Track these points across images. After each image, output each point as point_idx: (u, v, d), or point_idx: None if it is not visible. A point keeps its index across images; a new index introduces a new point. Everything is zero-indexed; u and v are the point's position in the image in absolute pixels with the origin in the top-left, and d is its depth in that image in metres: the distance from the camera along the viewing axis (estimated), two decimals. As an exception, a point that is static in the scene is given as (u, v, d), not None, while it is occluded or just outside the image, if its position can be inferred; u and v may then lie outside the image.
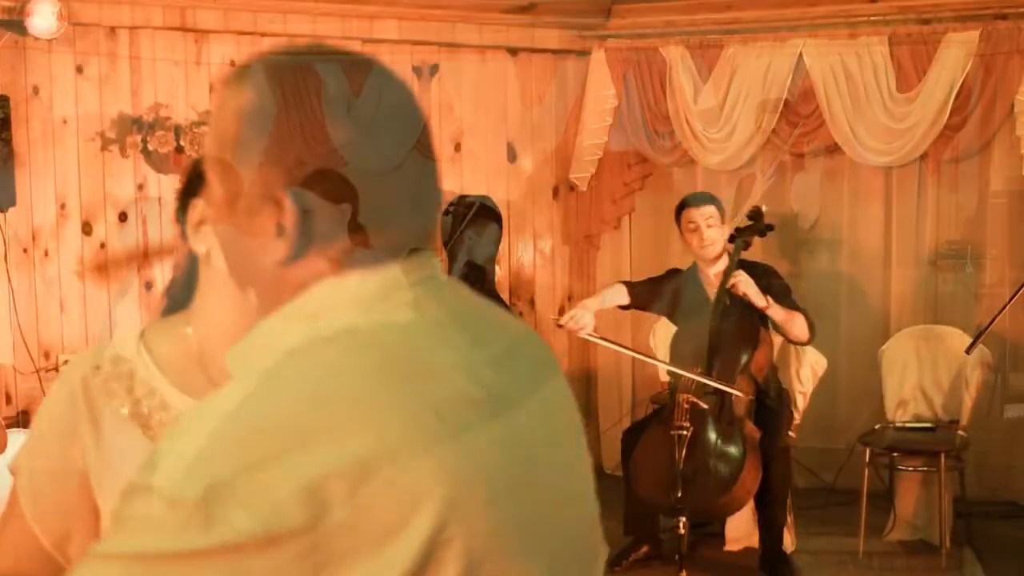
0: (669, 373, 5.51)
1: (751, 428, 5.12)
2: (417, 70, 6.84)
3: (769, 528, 5.28)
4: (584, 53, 7.07)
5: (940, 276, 6.57)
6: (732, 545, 5.69)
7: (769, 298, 5.27)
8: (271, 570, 1.04)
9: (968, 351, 5.61)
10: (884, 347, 6.20)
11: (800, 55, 6.58)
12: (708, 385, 5.13)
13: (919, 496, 5.77)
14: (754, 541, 5.54)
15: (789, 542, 5.50)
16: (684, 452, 4.94)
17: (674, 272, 5.74)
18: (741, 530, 5.67)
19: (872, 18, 6.47)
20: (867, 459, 5.67)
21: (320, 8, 6.51)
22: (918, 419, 5.90)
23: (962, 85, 6.24)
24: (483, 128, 7.00)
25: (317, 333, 1.17)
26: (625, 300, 5.63)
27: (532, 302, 7.22)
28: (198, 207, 1.70)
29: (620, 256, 7.21)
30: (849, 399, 6.64)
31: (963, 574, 5.38)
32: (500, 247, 6.89)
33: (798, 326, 5.32)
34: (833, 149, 6.61)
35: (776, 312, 5.28)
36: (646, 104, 6.93)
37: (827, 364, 5.77)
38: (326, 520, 1.04)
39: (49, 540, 1.70)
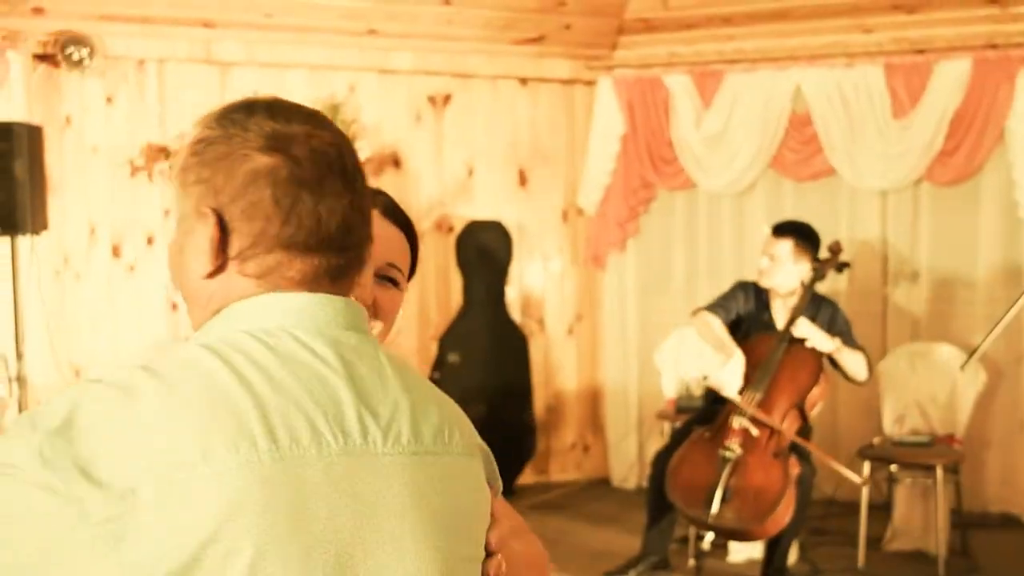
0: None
1: (794, 463, 4.98)
2: (431, 99, 6.88)
3: (779, 546, 5.23)
4: (591, 83, 7.10)
5: (935, 295, 6.57)
6: (735, 556, 5.68)
7: (839, 341, 5.21)
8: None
9: (963, 368, 5.61)
10: (881, 364, 6.21)
11: (798, 83, 6.61)
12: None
13: (917, 508, 5.77)
14: (757, 553, 5.54)
15: (791, 553, 5.49)
16: (728, 473, 4.84)
17: (746, 285, 5.53)
18: (747, 543, 5.66)
19: (868, 48, 6.49)
20: (866, 472, 5.67)
21: (337, 41, 6.56)
22: (915, 433, 5.90)
23: (955, 112, 6.26)
24: (494, 154, 7.03)
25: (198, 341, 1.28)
26: (721, 328, 5.36)
27: (541, 322, 7.24)
28: None
29: (626, 277, 7.23)
30: (848, 414, 6.65)
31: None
32: (510, 269, 6.94)
33: (859, 365, 5.28)
34: (831, 173, 6.63)
35: (843, 355, 5.23)
36: (651, 131, 6.96)
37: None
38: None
39: None
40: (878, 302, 6.71)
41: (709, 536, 4.83)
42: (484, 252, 6.85)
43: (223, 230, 1.29)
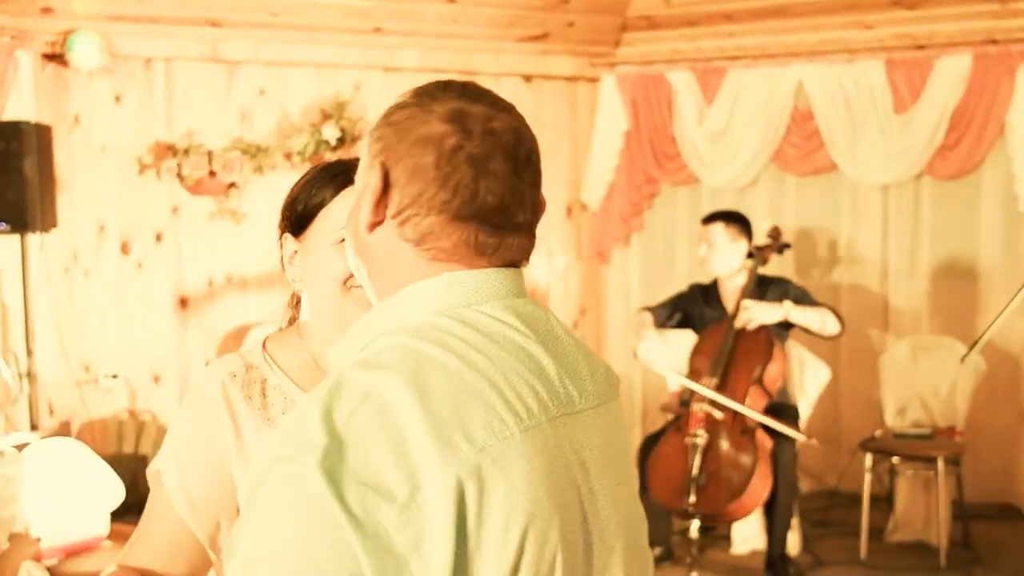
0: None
1: (762, 437, 5.10)
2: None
3: (776, 532, 5.27)
4: (595, 79, 7.09)
5: (936, 288, 6.57)
6: (739, 547, 5.69)
7: (788, 302, 5.33)
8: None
9: (963, 360, 5.62)
10: (883, 357, 6.21)
11: (800, 79, 6.60)
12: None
13: (918, 499, 5.77)
14: (760, 544, 5.54)
15: (794, 544, 5.49)
16: (698, 459, 4.91)
17: (695, 287, 5.82)
18: (748, 533, 5.67)
19: (869, 43, 6.47)
20: (868, 464, 5.67)
21: (344, 40, 6.55)
22: (917, 425, 5.90)
23: (956, 107, 6.25)
24: (499, 151, 7.01)
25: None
26: (651, 323, 5.66)
27: (547, 316, 7.22)
28: (288, 241, 1.92)
29: (630, 272, 7.23)
30: (850, 407, 6.64)
31: (961, 573, 5.36)
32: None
33: (822, 318, 5.38)
34: (832, 168, 6.62)
35: (799, 315, 5.33)
36: (654, 127, 6.95)
37: (830, 374, 5.77)
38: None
39: (203, 534, 1.82)
40: (879, 296, 6.70)
41: (695, 524, 4.86)
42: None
43: (387, 184, 1.35)
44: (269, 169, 6.36)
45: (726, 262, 5.54)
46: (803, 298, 5.45)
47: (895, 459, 5.70)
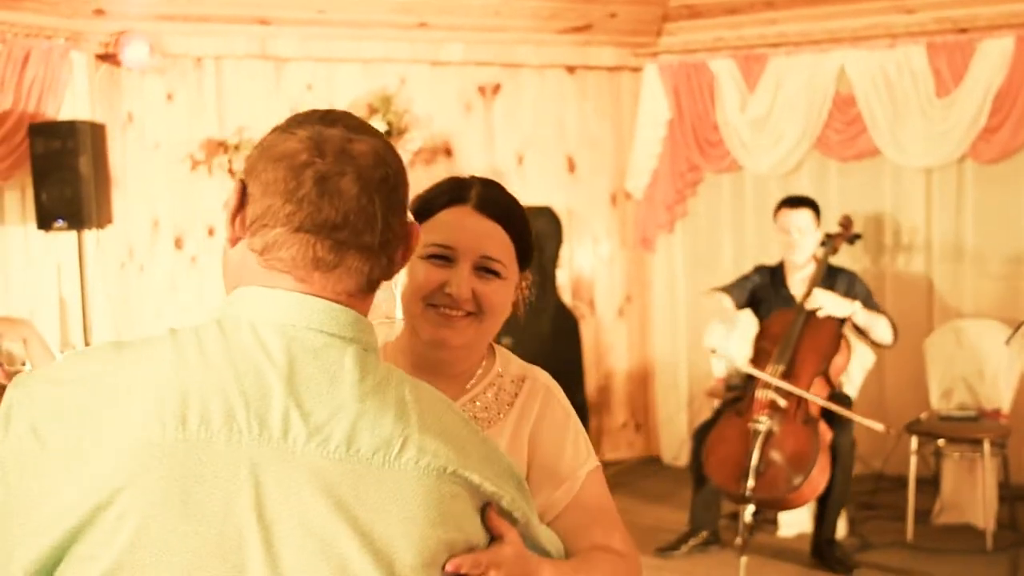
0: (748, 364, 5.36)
1: (824, 429, 5.03)
2: (481, 89, 6.88)
3: (827, 519, 5.22)
4: (637, 69, 7.07)
5: (980, 271, 6.50)
6: (786, 530, 5.66)
7: (858, 303, 5.27)
8: None
9: (1008, 342, 5.55)
10: (928, 340, 6.15)
11: (842, 65, 6.54)
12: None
13: (964, 481, 5.71)
14: (807, 527, 5.51)
15: (840, 527, 5.46)
16: (759, 445, 4.83)
17: (762, 268, 5.72)
18: (794, 516, 5.64)
19: (910, 28, 6.41)
20: (914, 447, 5.62)
21: (390, 35, 6.57)
22: (962, 408, 5.84)
23: (998, 89, 6.18)
24: (544, 141, 7.02)
25: None
26: (732, 308, 5.57)
27: (592, 303, 7.23)
28: None
29: (674, 258, 7.20)
30: (896, 390, 6.59)
31: (1007, 555, 5.31)
32: (561, 252, 6.93)
33: (882, 329, 5.32)
34: (875, 152, 6.56)
35: (861, 318, 5.26)
36: (696, 115, 6.92)
37: (875, 357, 5.73)
38: None
39: None
40: (923, 279, 6.64)
41: (750, 509, 4.82)
42: (535, 237, 6.84)
43: (243, 199, 1.41)
44: (318, 163, 6.38)
45: (807, 251, 5.46)
46: (868, 299, 5.38)
47: (941, 442, 5.64)
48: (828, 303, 5.24)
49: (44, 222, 5.49)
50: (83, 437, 1.25)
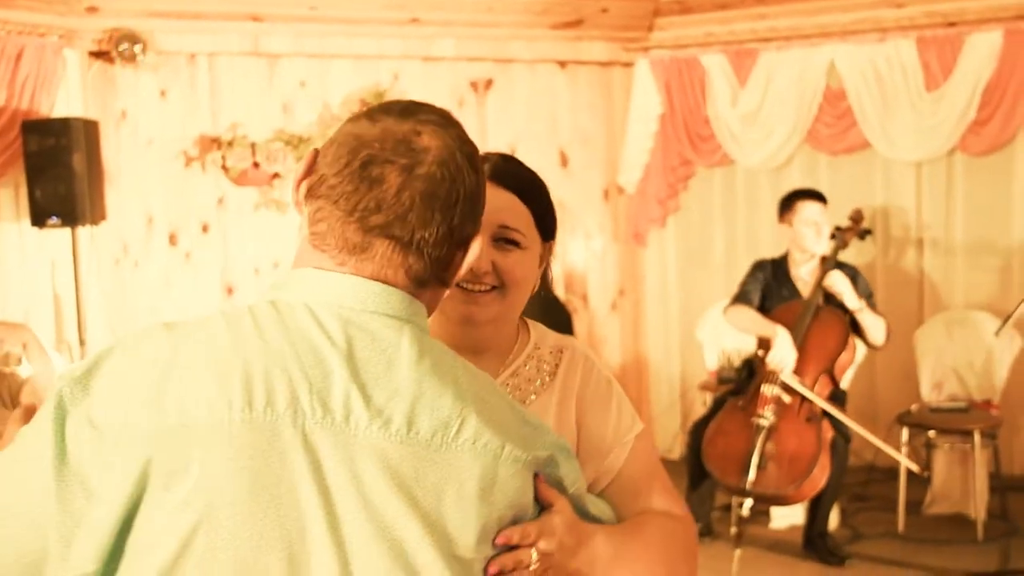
0: (754, 357, 5.29)
1: (827, 427, 4.99)
2: (474, 84, 6.87)
3: (819, 512, 5.22)
4: (629, 64, 7.07)
5: (970, 263, 6.50)
6: (778, 522, 5.67)
7: (864, 301, 5.22)
8: None
9: (998, 334, 5.56)
10: (919, 331, 6.16)
11: (832, 59, 6.55)
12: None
13: (955, 472, 5.72)
14: (798, 519, 5.52)
15: (832, 519, 5.46)
16: (762, 441, 4.82)
17: (763, 263, 5.61)
18: (787, 509, 5.64)
19: (900, 22, 6.41)
20: (905, 438, 5.63)
21: (382, 31, 6.56)
22: (952, 399, 5.85)
23: (987, 83, 6.18)
24: (536, 136, 7.01)
25: None
26: (757, 315, 5.36)
27: (585, 298, 7.23)
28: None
29: (666, 252, 7.21)
30: (887, 382, 6.59)
31: (998, 545, 5.32)
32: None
33: (880, 330, 5.27)
34: (865, 146, 6.56)
35: (866, 315, 5.22)
36: (688, 110, 6.92)
37: (865, 351, 5.73)
38: None
39: None
40: (913, 271, 6.65)
41: (748, 503, 4.82)
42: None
43: (311, 167, 1.43)
44: (311, 159, 6.39)
45: (823, 244, 5.38)
46: (870, 299, 5.32)
47: (931, 433, 5.65)
48: (845, 289, 5.18)
49: (38, 219, 5.47)
50: (141, 421, 1.25)
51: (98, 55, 6.04)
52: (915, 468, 5.00)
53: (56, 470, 1.24)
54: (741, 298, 5.48)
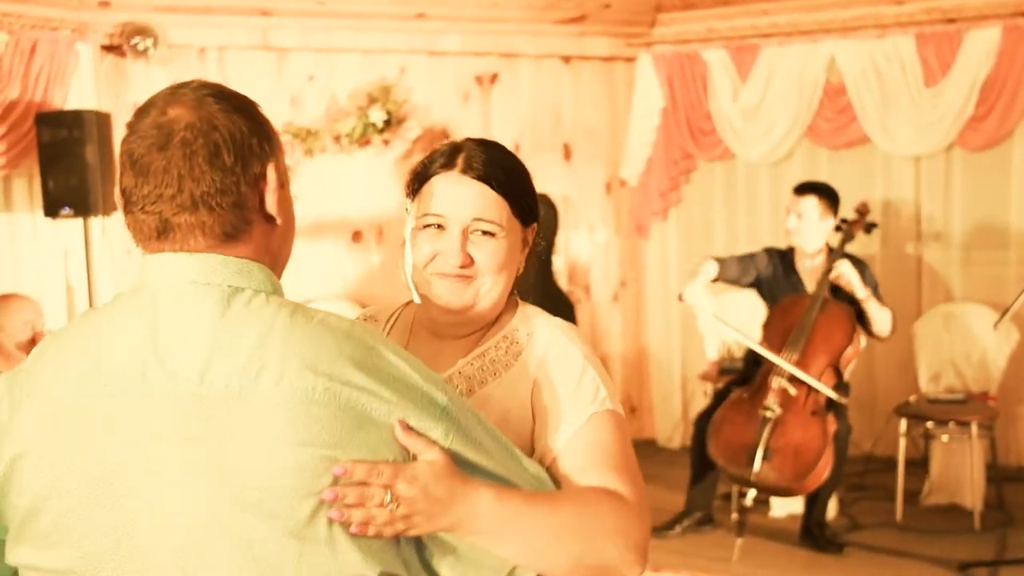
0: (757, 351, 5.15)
1: (831, 420, 4.91)
2: (478, 78, 6.85)
3: (818, 503, 5.20)
4: (631, 59, 7.04)
5: (968, 257, 6.49)
6: (778, 511, 5.66)
7: (870, 291, 5.14)
8: None
9: (996, 327, 5.54)
10: (917, 324, 6.15)
11: (832, 55, 6.52)
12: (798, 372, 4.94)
13: (953, 463, 5.71)
14: (797, 508, 5.51)
15: (831, 508, 5.45)
16: (768, 432, 4.78)
17: (770, 251, 5.51)
18: (787, 498, 5.63)
19: (900, 18, 6.38)
20: (903, 429, 5.62)
21: (389, 25, 6.54)
22: (950, 391, 5.84)
23: (986, 78, 6.16)
24: (540, 130, 7.00)
25: None
26: (713, 274, 5.29)
27: (587, 289, 7.22)
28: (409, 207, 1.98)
29: (668, 245, 7.19)
30: (885, 373, 6.58)
31: (995, 535, 5.31)
32: (557, 239, 6.92)
33: (886, 321, 5.19)
34: (865, 141, 6.54)
35: (872, 306, 5.15)
36: (690, 104, 6.90)
37: (865, 342, 5.71)
38: None
39: None
40: (912, 264, 6.63)
41: (751, 493, 4.79)
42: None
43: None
44: (319, 151, 6.39)
45: (813, 239, 5.27)
46: (876, 291, 5.23)
47: (929, 424, 5.64)
48: (854, 278, 5.11)
49: (51, 209, 5.46)
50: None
51: (110, 49, 6.02)
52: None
53: None
54: (721, 258, 5.43)
